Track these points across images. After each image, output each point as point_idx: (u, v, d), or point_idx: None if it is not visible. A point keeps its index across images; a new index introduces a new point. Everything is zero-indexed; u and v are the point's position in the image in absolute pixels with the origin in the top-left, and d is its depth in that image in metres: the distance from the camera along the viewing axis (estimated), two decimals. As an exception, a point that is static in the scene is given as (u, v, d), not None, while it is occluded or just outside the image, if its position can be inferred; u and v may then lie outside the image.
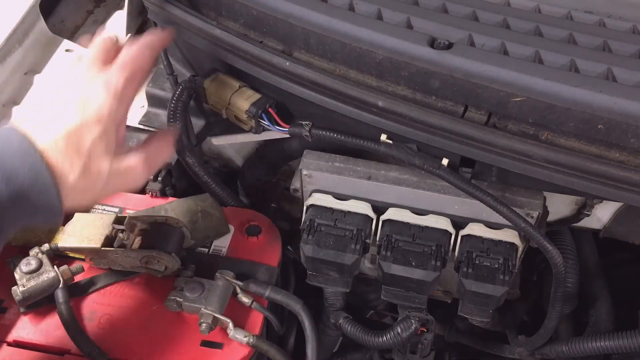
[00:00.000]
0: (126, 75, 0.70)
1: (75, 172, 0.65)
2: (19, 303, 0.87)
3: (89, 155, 0.66)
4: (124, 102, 0.70)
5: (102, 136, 0.67)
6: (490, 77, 0.75)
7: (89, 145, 0.66)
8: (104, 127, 0.67)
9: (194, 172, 1.05)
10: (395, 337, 0.98)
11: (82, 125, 0.66)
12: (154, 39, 0.76)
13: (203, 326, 0.86)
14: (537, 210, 0.89)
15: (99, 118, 0.67)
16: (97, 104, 0.67)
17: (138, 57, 0.73)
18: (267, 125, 0.93)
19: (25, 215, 0.64)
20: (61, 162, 0.64)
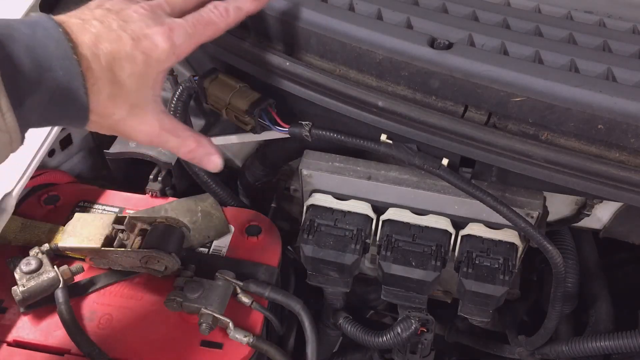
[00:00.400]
0: (192, 34, 0.69)
1: (103, 95, 0.63)
2: (19, 303, 0.87)
3: (121, 84, 0.64)
4: (176, 56, 0.69)
5: (141, 76, 0.65)
6: (490, 77, 0.75)
7: (126, 77, 0.64)
8: (147, 68, 0.66)
9: (194, 172, 1.05)
10: (395, 337, 0.98)
11: (127, 57, 0.64)
12: (242, 7, 0.75)
13: (203, 326, 0.86)
14: (537, 210, 0.89)
15: (147, 58, 0.65)
16: (152, 45, 0.66)
17: (214, 21, 0.72)
18: (267, 125, 0.93)
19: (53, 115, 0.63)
20: (94, 79, 0.62)
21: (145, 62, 0.65)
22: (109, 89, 0.63)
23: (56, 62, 0.59)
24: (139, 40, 0.65)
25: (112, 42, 0.63)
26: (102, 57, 0.62)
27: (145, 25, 0.66)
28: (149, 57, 0.65)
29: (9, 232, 0.97)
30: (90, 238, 0.91)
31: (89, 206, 1.05)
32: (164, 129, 0.71)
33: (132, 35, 0.64)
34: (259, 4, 0.78)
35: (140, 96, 0.67)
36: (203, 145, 0.76)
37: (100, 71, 0.62)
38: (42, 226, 0.99)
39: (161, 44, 0.66)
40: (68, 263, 0.92)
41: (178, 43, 0.68)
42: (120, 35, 0.64)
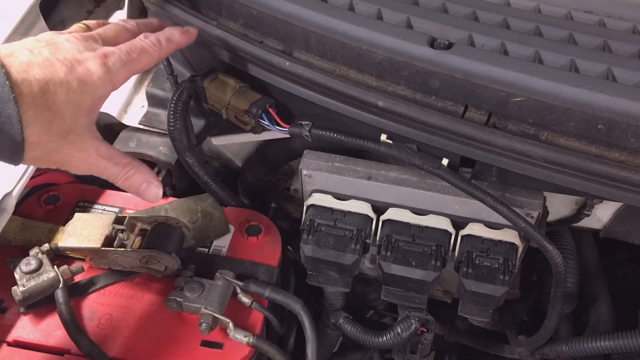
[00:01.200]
0: (126, 61, 0.69)
1: (37, 123, 0.62)
2: (19, 303, 0.87)
3: (56, 112, 0.63)
4: (112, 84, 0.68)
5: (76, 103, 0.64)
6: (490, 77, 0.75)
7: (61, 104, 0.63)
8: (82, 95, 0.64)
9: (194, 172, 1.05)
10: (395, 337, 0.98)
11: (61, 83, 0.63)
12: (172, 39, 0.75)
13: (203, 326, 0.86)
14: (537, 210, 0.89)
15: (82, 84, 0.64)
16: (86, 71, 0.65)
17: (147, 50, 0.72)
18: (267, 125, 0.93)
19: None
20: (27, 106, 0.60)
21: (80, 88, 0.64)
22: (43, 116, 0.61)
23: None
24: (73, 66, 0.64)
25: (44, 69, 0.62)
26: (35, 83, 0.60)
27: (78, 51, 0.65)
28: (85, 83, 0.64)
29: (9, 232, 0.97)
30: (90, 238, 0.91)
31: (89, 206, 1.05)
32: (101, 156, 0.70)
33: (65, 62, 0.63)
34: (188, 37, 0.79)
35: (76, 124, 0.65)
36: (142, 172, 0.74)
37: (33, 97, 0.60)
38: (42, 226, 0.99)
39: (96, 70, 0.65)
40: (68, 263, 0.92)
41: (114, 70, 0.67)
42: (53, 61, 0.62)
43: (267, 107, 0.93)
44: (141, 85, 1.16)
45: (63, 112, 0.63)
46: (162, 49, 0.74)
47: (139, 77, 1.16)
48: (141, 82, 1.16)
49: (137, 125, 1.11)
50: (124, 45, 0.70)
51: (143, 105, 1.14)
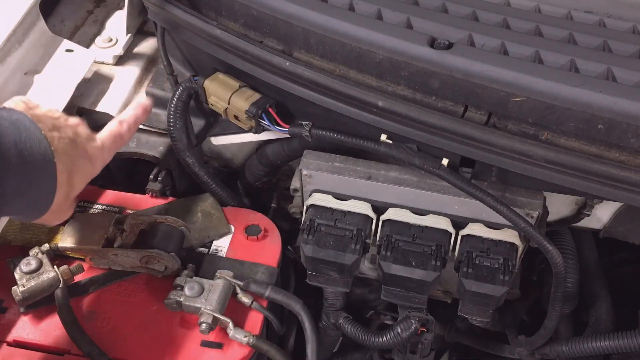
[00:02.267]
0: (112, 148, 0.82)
1: (61, 195, 0.72)
2: (19, 303, 0.87)
3: (73, 187, 0.75)
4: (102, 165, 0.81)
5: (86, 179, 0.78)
6: (490, 77, 0.75)
7: (78, 180, 0.75)
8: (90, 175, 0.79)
9: (194, 172, 1.05)
10: (395, 337, 0.98)
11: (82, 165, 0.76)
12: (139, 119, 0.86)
13: (203, 326, 0.86)
14: (537, 210, 0.89)
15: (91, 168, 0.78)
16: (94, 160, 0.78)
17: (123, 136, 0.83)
18: (267, 125, 0.93)
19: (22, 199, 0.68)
20: (59, 184, 0.71)
21: (91, 169, 0.78)
22: (65, 189, 0.73)
23: (38, 162, 0.67)
24: (87, 152, 0.76)
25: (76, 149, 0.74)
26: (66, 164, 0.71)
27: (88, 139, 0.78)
28: (94, 166, 0.78)
29: (9, 232, 0.97)
30: (90, 238, 0.91)
31: (89, 206, 1.05)
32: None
33: (82, 147, 0.75)
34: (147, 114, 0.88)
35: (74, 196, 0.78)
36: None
37: (63, 174, 0.71)
38: (42, 226, 0.99)
39: (100, 156, 0.79)
40: (68, 263, 0.92)
41: (107, 156, 0.81)
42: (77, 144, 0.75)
43: (267, 107, 0.93)
44: (141, 85, 1.16)
45: (77, 187, 0.76)
46: (132, 132, 0.86)
47: (138, 77, 1.16)
48: (141, 82, 1.16)
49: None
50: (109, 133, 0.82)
51: (143, 105, 1.13)
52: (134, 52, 1.19)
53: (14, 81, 1.07)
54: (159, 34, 1.02)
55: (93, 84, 1.14)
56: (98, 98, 1.12)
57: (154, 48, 1.20)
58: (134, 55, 1.19)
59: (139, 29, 1.23)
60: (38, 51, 1.11)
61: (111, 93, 1.13)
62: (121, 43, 1.17)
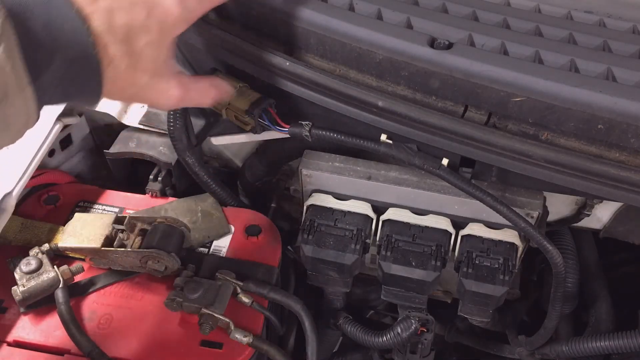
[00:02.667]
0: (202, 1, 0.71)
1: (121, 67, 0.63)
2: (19, 303, 0.87)
3: (139, 55, 0.64)
4: (187, 22, 0.69)
5: (157, 43, 0.65)
6: (490, 77, 0.75)
7: (142, 46, 0.64)
8: (162, 35, 0.66)
9: (194, 172, 1.05)
10: (395, 337, 0.98)
11: (142, 25, 0.63)
12: None
13: (203, 326, 0.86)
14: (537, 210, 0.89)
15: (161, 25, 0.65)
16: (165, 12, 0.66)
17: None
18: (267, 125, 0.93)
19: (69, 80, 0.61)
20: (110, 56, 0.62)
21: (160, 30, 0.65)
22: (127, 61, 0.63)
23: (72, 40, 0.58)
24: (152, 8, 0.64)
25: (126, 14, 0.62)
26: (118, 31, 0.61)
27: None
28: (164, 23, 0.65)
29: (9, 232, 0.97)
30: (90, 238, 0.91)
31: (89, 206, 1.05)
32: (184, 88, 0.72)
33: (144, 4, 0.64)
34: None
35: (158, 63, 0.67)
36: (219, 86, 0.80)
37: (115, 45, 0.61)
38: (42, 226, 0.99)
39: (174, 10, 0.66)
40: (68, 263, 0.92)
41: (190, 8, 0.68)
42: (133, 5, 0.63)
43: (267, 107, 0.93)
44: (141, 85, 1.16)
45: (146, 55, 0.65)
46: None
47: (139, 77, 1.16)
48: (141, 82, 1.16)
49: (137, 125, 1.11)
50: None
51: (143, 105, 1.13)
52: (134, 52, 1.19)
53: (14, 81, 1.07)
54: (159, 34, 1.02)
55: (93, 84, 1.14)
56: (98, 98, 1.12)
57: (154, 48, 1.20)
58: (134, 55, 1.19)
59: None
60: (38, 51, 1.10)
61: (111, 93, 1.13)
62: (121, 43, 1.17)
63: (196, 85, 0.76)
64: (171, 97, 0.71)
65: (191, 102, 0.76)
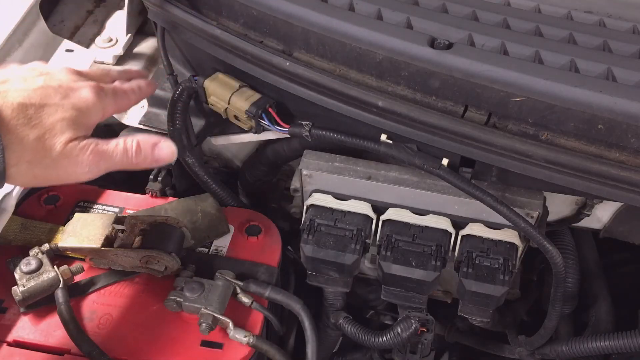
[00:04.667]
0: (114, 97, 0.74)
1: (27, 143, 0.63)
2: (19, 303, 0.87)
3: (50, 128, 0.65)
4: (102, 113, 0.71)
5: (71, 120, 0.66)
6: (490, 77, 0.75)
7: (54, 121, 0.65)
8: (77, 115, 0.67)
9: (194, 172, 1.05)
10: (395, 337, 0.98)
11: (56, 105, 0.66)
12: (142, 89, 0.81)
13: (203, 326, 0.86)
14: (537, 210, 0.89)
15: (75, 107, 0.67)
16: (81, 97, 0.68)
17: (128, 94, 0.78)
18: (267, 125, 0.93)
19: None
20: (15, 127, 0.62)
21: (74, 109, 0.67)
22: (35, 132, 0.63)
23: None
24: (67, 93, 0.67)
25: (40, 95, 0.65)
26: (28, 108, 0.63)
27: (72, 81, 0.69)
28: (79, 108, 0.67)
29: (9, 232, 0.97)
30: (90, 238, 0.91)
31: (89, 206, 1.05)
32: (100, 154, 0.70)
33: (59, 89, 0.67)
34: (153, 89, 0.85)
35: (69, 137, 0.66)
36: (145, 140, 0.74)
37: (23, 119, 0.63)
38: (42, 226, 0.99)
39: (90, 97, 0.69)
40: (68, 263, 0.92)
41: (106, 100, 0.71)
42: (47, 88, 0.66)
43: (267, 107, 0.93)
44: (141, 85, 1.16)
45: (55, 128, 0.65)
46: (137, 96, 0.80)
47: (139, 77, 1.16)
48: (141, 82, 1.16)
49: (137, 125, 1.11)
50: (111, 85, 0.75)
51: (143, 105, 1.13)
52: (134, 52, 1.19)
53: (14, 81, 1.07)
54: (159, 34, 1.02)
55: (93, 84, 1.14)
56: (98, 98, 1.12)
57: (154, 48, 1.20)
58: (134, 55, 1.19)
59: (139, 29, 1.23)
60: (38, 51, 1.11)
61: (111, 93, 1.13)
62: (121, 43, 1.17)
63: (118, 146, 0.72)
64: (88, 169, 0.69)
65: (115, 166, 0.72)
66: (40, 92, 0.65)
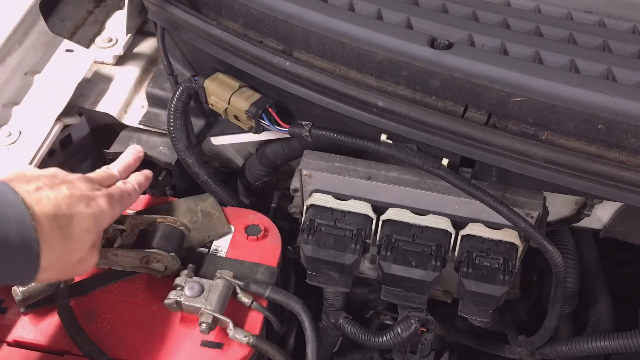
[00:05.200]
0: (121, 201, 0.84)
1: (58, 250, 0.71)
2: (19, 303, 0.87)
3: (77, 241, 0.74)
4: (111, 218, 0.81)
5: (92, 230, 0.76)
6: (490, 77, 0.75)
7: (81, 232, 0.74)
8: (96, 225, 0.77)
9: (194, 172, 1.05)
10: (395, 337, 0.98)
11: (80, 214, 0.74)
12: (142, 184, 0.92)
13: (203, 326, 0.86)
14: (537, 210, 0.89)
15: (95, 217, 0.76)
16: (98, 206, 0.77)
17: (130, 194, 0.87)
18: (267, 125, 0.93)
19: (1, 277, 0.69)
20: (49, 235, 0.69)
21: (95, 220, 0.76)
22: (61, 244, 0.71)
23: (13, 227, 0.65)
24: (89, 202, 0.76)
25: (68, 204, 0.73)
26: (60, 218, 0.71)
27: (90, 190, 0.78)
28: (98, 216, 0.77)
29: (9, 232, 0.97)
30: (90, 238, 0.91)
31: (89, 206, 1.05)
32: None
33: (82, 198, 0.75)
34: (149, 181, 0.95)
35: (88, 249, 0.77)
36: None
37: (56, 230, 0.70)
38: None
39: (105, 206, 0.79)
40: (68, 263, 0.92)
41: (116, 207, 0.82)
42: (73, 197, 0.74)
43: (267, 107, 0.93)
44: (141, 85, 1.16)
45: (82, 241, 0.75)
46: (138, 194, 0.91)
47: (138, 77, 1.16)
48: (141, 82, 1.16)
49: (137, 125, 1.11)
50: (117, 189, 0.85)
51: (143, 105, 1.14)
52: (134, 52, 1.20)
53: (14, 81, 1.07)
54: (159, 34, 1.02)
55: (93, 84, 1.14)
56: (98, 98, 1.13)
57: (154, 48, 1.20)
58: (134, 55, 1.19)
59: (139, 29, 1.23)
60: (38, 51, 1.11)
61: (111, 93, 1.13)
62: (121, 43, 1.17)
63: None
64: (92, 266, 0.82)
65: None
66: (68, 202, 0.73)
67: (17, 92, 1.07)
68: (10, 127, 1.03)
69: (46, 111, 1.05)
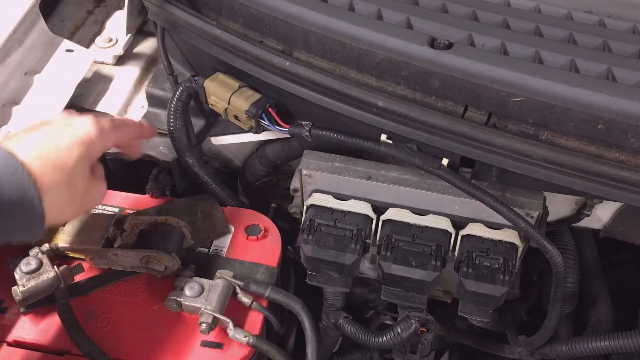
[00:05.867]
0: (113, 127, 0.80)
1: (59, 188, 0.69)
2: (19, 303, 0.87)
3: (71, 171, 0.71)
4: (104, 144, 0.77)
5: (85, 156, 0.73)
6: (490, 77, 0.75)
7: (73, 162, 0.71)
8: (87, 148, 0.74)
9: (194, 172, 1.05)
10: (395, 337, 0.98)
11: (68, 143, 0.71)
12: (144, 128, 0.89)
13: (203, 326, 0.86)
14: (537, 210, 0.89)
15: (83, 140, 0.73)
16: (83, 128, 0.74)
17: (128, 125, 0.84)
18: (267, 125, 0.93)
19: (7, 231, 0.67)
20: (46, 176, 0.68)
21: (85, 145, 0.73)
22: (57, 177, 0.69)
23: (7, 178, 0.64)
24: (72, 131, 0.73)
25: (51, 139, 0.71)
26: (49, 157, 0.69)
27: (71, 117, 0.76)
28: (85, 140, 0.74)
29: (9, 232, 0.97)
30: (90, 238, 0.91)
31: (89, 206, 1.05)
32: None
33: (64, 129, 0.73)
34: (153, 132, 0.94)
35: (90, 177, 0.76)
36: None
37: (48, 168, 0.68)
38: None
39: (91, 129, 0.75)
40: (68, 263, 0.92)
41: (106, 131, 0.77)
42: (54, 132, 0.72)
43: (267, 107, 0.93)
44: (141, 85, 1.16)
45: (78, 170, 0.72)
46: (138, 130, 0.87)
47: (139, 77, 1.16)
48: (141, 82, 1.17)
49: (137, 125, 1.11)
50: (106, 118, 0.81)
51: (143, 105, 1.14)
52: (134, 52, 1.20)
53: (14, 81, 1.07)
54: (159, 34, 1.03)
55: (93, 84, 1.14)
56: (98, 98, 1.13)
57: (154, 48, 1.20)
58: (134, 55, 1.19)
59: (139, 29, 1.23)
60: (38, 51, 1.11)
61: (111, 93, 1.13)
62: (121, 43, 1.17)
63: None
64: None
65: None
66: (49, 135, 0.71)
67: (17, 92, 1.07)
68: (10, 127, 1.03)
69: (46, 111, 1.05)
